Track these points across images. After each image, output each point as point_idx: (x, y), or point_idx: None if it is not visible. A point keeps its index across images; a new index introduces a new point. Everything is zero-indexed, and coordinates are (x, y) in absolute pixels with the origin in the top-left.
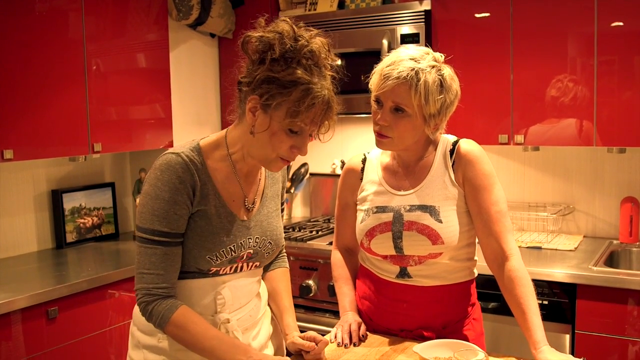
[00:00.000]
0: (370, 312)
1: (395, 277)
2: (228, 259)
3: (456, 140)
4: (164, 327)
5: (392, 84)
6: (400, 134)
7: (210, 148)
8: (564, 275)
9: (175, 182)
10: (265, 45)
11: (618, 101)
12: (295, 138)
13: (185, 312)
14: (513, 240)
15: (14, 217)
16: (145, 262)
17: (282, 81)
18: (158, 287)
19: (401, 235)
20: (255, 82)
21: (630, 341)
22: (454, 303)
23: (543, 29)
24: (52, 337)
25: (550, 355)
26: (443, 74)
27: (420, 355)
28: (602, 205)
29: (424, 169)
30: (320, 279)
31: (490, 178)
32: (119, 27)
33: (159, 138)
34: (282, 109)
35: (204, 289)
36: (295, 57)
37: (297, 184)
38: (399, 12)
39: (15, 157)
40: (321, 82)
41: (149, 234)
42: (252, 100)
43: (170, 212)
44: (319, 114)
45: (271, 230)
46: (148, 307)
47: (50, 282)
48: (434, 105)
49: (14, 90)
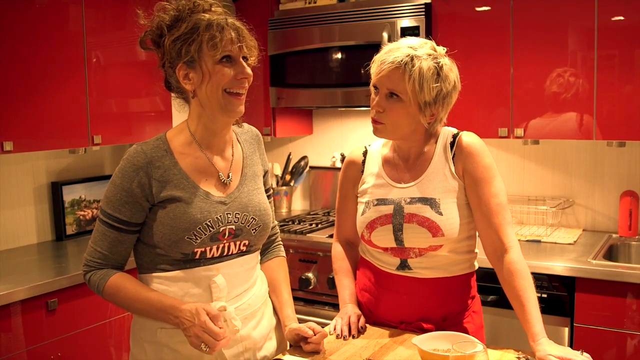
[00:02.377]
0: (371, 304)
1: (396, 269)
2: (208, 236)
3: (457, 132)
4: (102, 294)
5: (387, 68)
6: (393, 120)
7: (175, 135)
8: (563, 269)
9: (129, 170)
10: (156, 25)
11: (618, 95)
12: (232, 67)
13: (118, 278)
14: (513, 233)
15: (14, 209)
16: (93, 236)
17: (185, 34)
18: (94, 261)
19: (402, 227)
20: (169, 56)
21: (629, 334)
22: (453, 295)
23: (543, 22)
24: (52, 329)
25: (548, 347)
26: (440, 62)
27: (418, 347)
28: (601, 199)
29: (425, 162)
30: (319, 272)
31: (491, 170)
32: (118, 20)
33: (158, 130)
34: (204, 49)
35: (199, 278)
36: (184, 14)
37: (296, 177)
38: (399, 5)
39: (15, 149)
40: (216, 16)
41: (100, 213)
42: (179, 68)
43: (118, 196)
44: (234, 36)
45: (253, 206)
46: (86, 275)
47: (50, 274)
48: (429, 93)
49: (14, 82)
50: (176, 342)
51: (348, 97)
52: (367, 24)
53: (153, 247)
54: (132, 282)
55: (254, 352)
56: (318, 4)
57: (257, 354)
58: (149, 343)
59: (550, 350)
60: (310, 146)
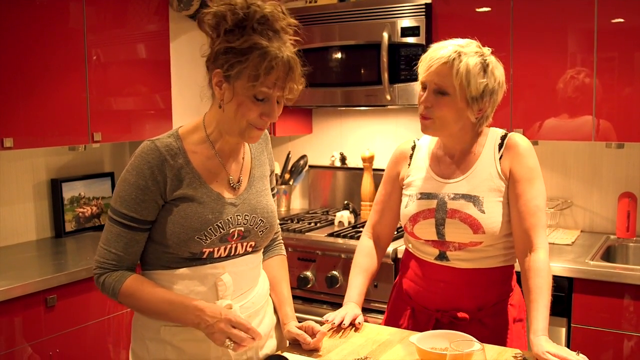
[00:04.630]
0: (412, 291)
1: (434, 259)
2: (218, 237)
3: (505, 133)
4: (117, 297)
5: (436, 64)
6: (441, 115)
7: (189, 132)
8: (561, 269)
9: (143, 168)
10: (219, 18)
11: (617, 97)
12: (262, 105)
13: (134, 281)
14: (545, 236)
15: (13, 205)
16: (104, 238)
17: (239, 49)
18: (108, 263)
19: (444, 222)
20: (215, 56)
21: (626, 335)
22: (490, 286)
23: (543, 24)
24: (51, 325)
25: (545, 343)
26: (486, 59)
27: (416, 345)
28: (599, 200)
29: (471, 160)
30: (318, 271)
31: (535, 172)
32: (119, 18)
33: (158, 128)
34: (244, 77)
35: (204, 276)
36: (249, 24)
37: (296, 176)
38: (399, 5)
39: (15, 146)
40: (279, 45)
41: (112, 213)
42: (216, 74)
43: (133, 195)
44: (281, 77)
45: (262, 208)
46: (100, 278)
47: (49, 271)
48: (476, 88)
49: (15, 79)
50: (180, 340)
51: (348, 96)
52: (367, 24)
53: (160, 244)
54: (149, 283)
55: (257, 350)
56: (319, 3)
57: (260, 352)
58: (152, 340)
59: (547, 347)
60: (309, 145)
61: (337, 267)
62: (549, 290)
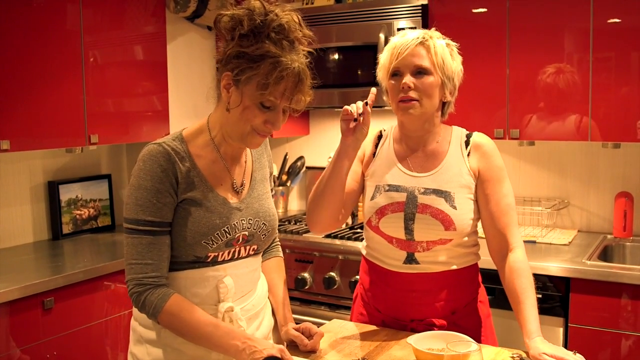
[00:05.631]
0: (378, 304)
1: (403, 264)
2: (224, 242)
3: (469, 132)
4: (158, 316)
5: (411, 46)
6: (427, 94)
7: (193, 135)
8: (558, 269)
9: (157, 171)
10: (235, 22)
11: (613, 97)
12: (268, 113)
13: (178, 301)
14: (519, 234)
15: (10, 208)
16: (133, 253)
17: (251, 55)
18: (148, 277)
19: (413, 217)
20: (227, 58)
21: (624, 335)
22: (462, 287)
23: (539, 24)
24: (48, 328)
25: (541, 345)
26: (450, 43)
27: (413, 346)
28: (596, 200)
29: (438, 156)
30: (315, 272)
31: (503, 171)
32: (116, 19)
33: (155, 130)
34: (253, 83)
35: (206, 278)
36: (264, 32)
37: (293, 178)
38: (396, 7)
39: (12, 148)
40: (292, 55)
41: (134, 224)
42: (225, 77)
43: (153, 200)
44: (290, 88)
45: (264, 211)
46: (140, 297)
47: (46, 273)
48: (449, 68)
49: (11, 81)
50: (180, 343)
51: (345, 97)
52: (364, 25)
53: None
54: (193, 305)
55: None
56: (315, 4)
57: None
58: (152, 343)
59: (544, 348)
60: (306, 146)
61: (335, 268)
62: (533, 289)
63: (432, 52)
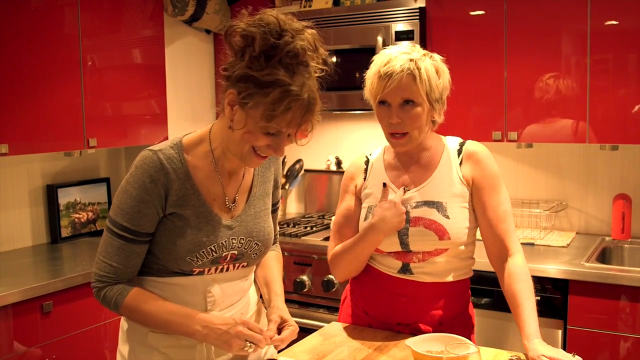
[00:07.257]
0: (367, 307)
1: (397, 272)
2: (209, 260)
3: (462, 141)
4: (118, 310)
5: (397, 78)
6: (416, 126)
7: (193, 144)
8: (557, 271)
9: (145, 181)
10: (247, 40)
11: (611, 99)
12: (272, 139)
13: (136, 294)
14: (517, 240)
15: (9, 211)
16: (103, 250)
17: (260, 80)
18: (108, 275)
19: (407, 232)
20: (234, 78)
21: (622, 337)
22: (453, 300)
23: (537, 27)
24: (47, 332)
25: (540, 347)
26: (435, 59)
27: (412, 349)
28: (594, 202)
29: (430, 167)
30: (314, 275)
31: (498, 178)
32: (114, 23)
33: (154, 134)
34: (259, 110)
35: (194, 287)
36: (277, 55)
37: (291, 180)
38: (393, 9)
39: (11, 152)
40: (304, 82)
41: (112, 225)
42: (230, 94)
43: (135, 209)
44: (297, 117)
45: (258, 231)
46: (100, 292)
47: (44, 277)
48: (437, 90)
49: (9, 85)
50: (165, 346)
51: (343, 100)
52: (362, 28)
53: (151, 253)
54: (151, 296)
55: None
56: (313, 7)
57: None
58: (139, 344)
59: (543, 350)
60: (305, 149)
61: None
62: (532, 293)
63: (418, 81)
